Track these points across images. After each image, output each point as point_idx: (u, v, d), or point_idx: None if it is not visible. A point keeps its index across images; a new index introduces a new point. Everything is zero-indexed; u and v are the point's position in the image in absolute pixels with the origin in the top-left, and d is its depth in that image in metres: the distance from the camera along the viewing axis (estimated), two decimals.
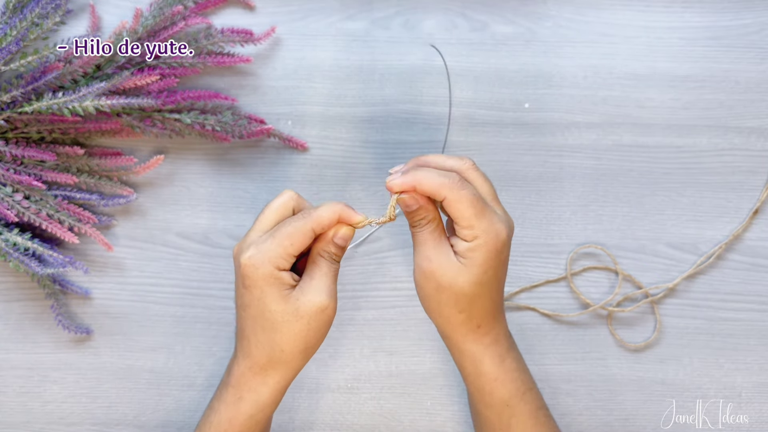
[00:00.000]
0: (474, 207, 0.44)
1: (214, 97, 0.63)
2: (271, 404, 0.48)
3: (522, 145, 0.66)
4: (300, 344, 0.46)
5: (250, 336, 0.46)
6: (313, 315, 0.45)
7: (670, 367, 0.65)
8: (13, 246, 0.61)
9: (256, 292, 0.45)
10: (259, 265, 0.44)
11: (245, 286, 0.45)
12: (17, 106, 0.60)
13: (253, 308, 0.45)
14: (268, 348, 0.46)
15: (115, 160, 0.64)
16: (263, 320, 0.45)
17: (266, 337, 0.45)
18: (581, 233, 0.65)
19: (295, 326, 0.45)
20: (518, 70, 0.66)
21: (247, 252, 0.45)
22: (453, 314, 0.46)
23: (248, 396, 0.48)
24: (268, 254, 0.44)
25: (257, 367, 0.47)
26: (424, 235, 0.46)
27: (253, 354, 0.47)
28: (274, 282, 0.44)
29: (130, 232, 0.65)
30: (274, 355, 0.46)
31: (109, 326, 0.65)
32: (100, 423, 0.65)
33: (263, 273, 0.44)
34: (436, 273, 0.45)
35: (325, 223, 0.46)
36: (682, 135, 0.66)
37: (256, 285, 0.45)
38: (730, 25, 0.67)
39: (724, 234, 0.65)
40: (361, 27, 0.66)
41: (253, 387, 0.47)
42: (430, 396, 0.65)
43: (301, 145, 0.65)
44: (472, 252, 0.44)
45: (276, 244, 0.45)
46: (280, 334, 0.45)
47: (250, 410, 0.48)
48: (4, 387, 0.65)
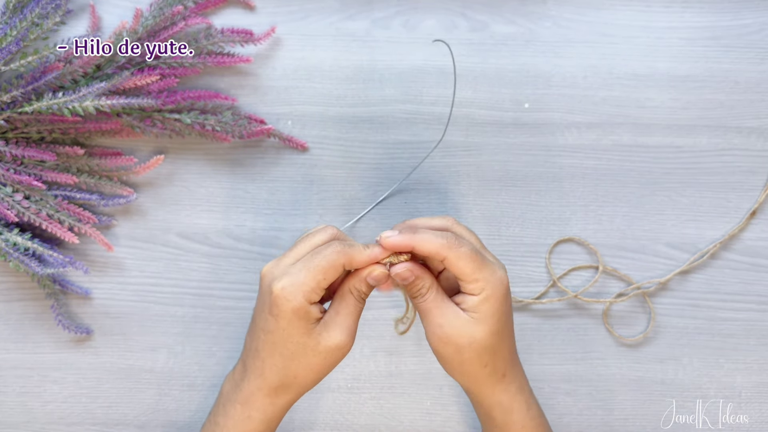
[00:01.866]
0: (474, 261, 0.45)
1: (214, 97, 0.63)
2: (277, 420, 0.50)
3: (522, 145, 0.66)
4: (314, 375, 0.47)
5: (266, 359, 0.47)
6: (331, 352, 0.46)
7: (670, 367, 0.65)
8: (13, 246, 0.61)
9: (283, 323, 0.45)
10: (291, 298, 0.44)
11: (272, 314, 0.45)
12: (17, 106, 0.60)
13: (277, 335, 0.46)
14: (282, 373, 0.46)
15: (115, 160, 0.64)
16: (283, 348, 0.46)
17: (283, 363, 0.46)
18: (581, 233, 0.66)
19: (313, 359, 0.46)
20: (518, 70, 0.66)
21: (280, 282, 0.45)
22: (478, 370, 0.47)
23: (257, 415, 0.48)
24: (301, 288, 0.44)
25: (268, 389, 0.48)
26: (428, 303, 0.46)
27: (266, 376, 0.47)
28: (303, 316, 0.45)
29: (131, 232, 0.65)
30: (287, 381, 0.47)
31: (109, 326, 0.65)
32: (100, 423, 0.65)
33: (294, 306, 0.44)
34: (452, 337, 0.46)
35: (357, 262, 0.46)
36: (681, 135, 0.66)
37: (284, 316, 0.45)
38: (730, 25, 0.67)
39: (723, 234, 0.65)
40: (361, 27, 0.66)
41: (262, 407, 0.48)
42: (430, 396, 0.65)
43: (301, 145, 0.65)
44: (483, 304, 0.45)
45: (310, 277, 0.45)
46: (297, 363, 0.46)
47: (258, 427, 0.49)
48: (4, 387, 0.65)
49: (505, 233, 0.66)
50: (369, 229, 0.65)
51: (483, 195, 0.66)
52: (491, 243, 0.65)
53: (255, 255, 0.65)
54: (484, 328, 0.45)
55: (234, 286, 0.65)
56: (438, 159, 0.66)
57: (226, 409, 0.49)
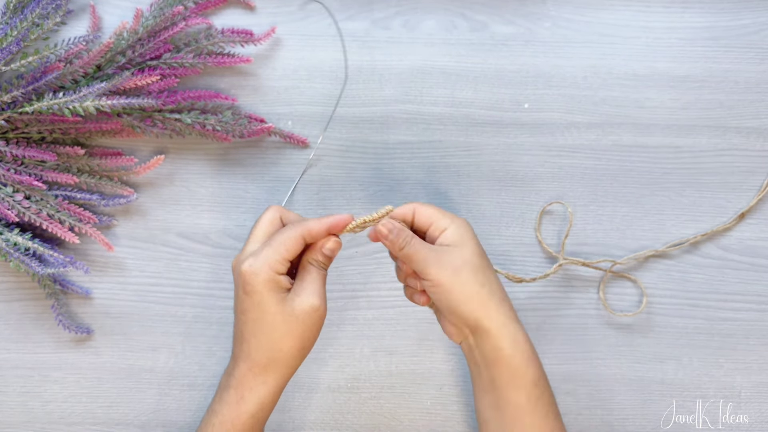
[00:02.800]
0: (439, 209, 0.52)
1: (214, 97, 0.64)
2: (270, 403, 0.51)
3: (521, 145, 0.66)
4: (297, 343, 0.49)
5: (249, 339, 0.49)
6: (307, 315, 0.49)
7: (670, 367, 0.65)
8: (14, 246, 0.61)
9: (256, 297, 0.48)
10: (259, 271, 0.48)
11: (246, 292, 0.49)
12: (18, 106, 0.60)
13: (253, 312, 0.49)
14: (267, 349, 0.49)
15: (116, 160, 0.64)
16: (262, 323, 0.49)
17: (266, 338, 0.49)
18: (580, 233, 0.66)
19: (293, 327, 0.49)
20: (518, 71, 0.66)
21: (246, 261, 0.49)
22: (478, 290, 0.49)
23: (249, 396, 0.50)
24: (266, 261, 0.49)
25: (257, 368, 0.50)
26: (415, 247, 0.50)
27: (252, 356, 0.50)
28: (273, 286, 0.49)
29: (131, 232, 0.66)
30: (273, 355, 0.49)
31: (109, 326, 0.65)
32: (100, 423, 0.65)
33: (263, 278, 0.48)
34: (446, 262, 0.49)
35: (314, 232, 0.51)
36: (681, 135, 0.66)
37: (255, 290, 0.48)
38: (729, 25, 0.67)
39: (723, 234, 0.66)
40: (361, 27, 0.66)
41: (254, 387, 0.50)
42: (430, 396, 0.65)
43: (302, 142, 0.65)
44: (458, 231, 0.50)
45: (273, 251, 0.49)
46: (279, 335, 0.49)
47: (251, 409, 0.50)
48: (4, 387, 0.65)
49: (504, 233, 0.66)
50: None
51: (483, 195, 0.66)
52: (491, 243, 0.65)
53: None
54: (469, 249, 0.50)
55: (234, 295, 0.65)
56: (438, 159, 0.66)
57: (221, 396, 0.51)
